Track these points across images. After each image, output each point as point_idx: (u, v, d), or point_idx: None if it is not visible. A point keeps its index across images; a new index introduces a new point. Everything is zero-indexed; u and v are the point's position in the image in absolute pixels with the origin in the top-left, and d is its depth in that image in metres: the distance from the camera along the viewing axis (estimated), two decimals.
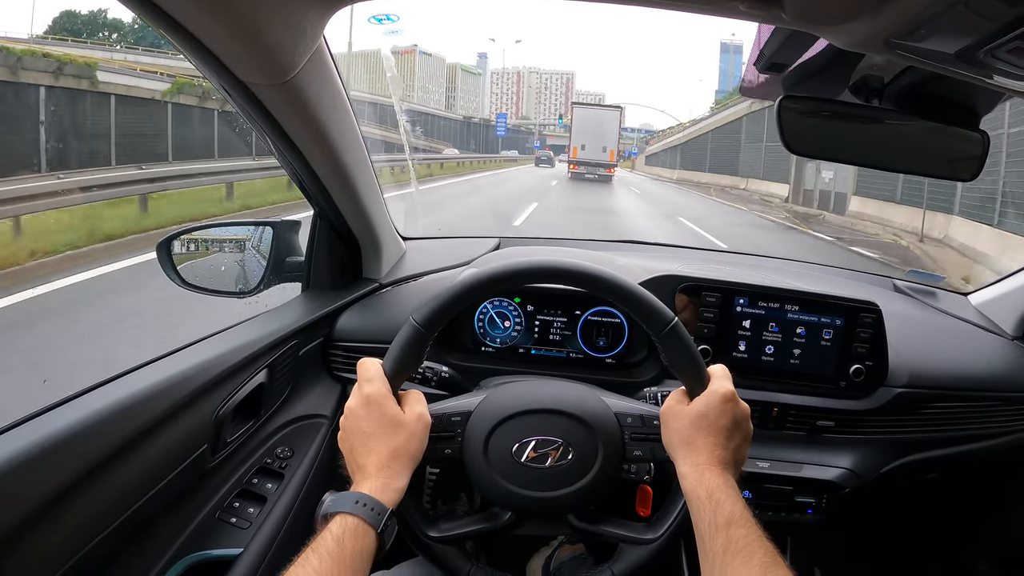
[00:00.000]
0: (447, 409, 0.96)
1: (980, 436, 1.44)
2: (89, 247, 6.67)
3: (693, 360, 0.90)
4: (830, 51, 0.81)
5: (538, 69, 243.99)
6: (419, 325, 0.90)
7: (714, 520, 0.78)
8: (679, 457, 0.86)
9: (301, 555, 0.73)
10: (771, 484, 1.31)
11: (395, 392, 0.89)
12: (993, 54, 0.59)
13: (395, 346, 0.90)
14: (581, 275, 0.92)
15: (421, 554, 0.92)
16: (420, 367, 1.02)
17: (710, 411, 0.87)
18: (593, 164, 31.83)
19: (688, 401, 0.89)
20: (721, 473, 0.83)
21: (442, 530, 0.93)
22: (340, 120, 1.13)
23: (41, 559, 0.79)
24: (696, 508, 0.81)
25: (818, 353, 1.33)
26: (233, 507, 1.16)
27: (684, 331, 0.90)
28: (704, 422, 0.86)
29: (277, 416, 1.29)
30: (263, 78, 0.91)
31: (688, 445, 0.86)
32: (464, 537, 0.95)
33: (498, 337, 1.42)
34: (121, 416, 0.89)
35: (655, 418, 0.94)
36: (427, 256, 1.69)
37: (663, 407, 0.92)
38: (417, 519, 0.90)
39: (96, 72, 12.54)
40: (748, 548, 0.75)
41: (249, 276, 1.43)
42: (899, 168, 0.98)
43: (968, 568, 1.78)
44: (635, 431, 0.94)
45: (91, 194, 8.17)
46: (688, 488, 0.83)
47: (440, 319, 0.91)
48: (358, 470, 0.84)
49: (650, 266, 1.44)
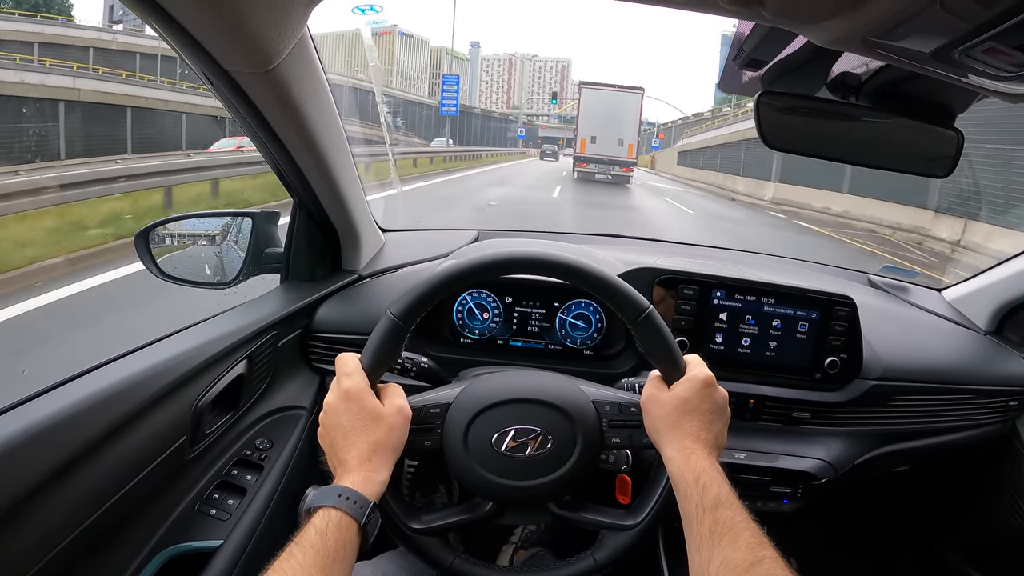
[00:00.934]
0: (426, 401, 0.96)
1: (952, 429, 1.47)
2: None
3: (668, 347, 0.90)
4: (808, 48, 0.82)
5: (532, 56, 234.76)
6: (396, 318, 0.90)
7: (701, 503, 0.78)
8: (664, 442, 0.87)
9: (285, 549, 0.73)
10: (747, 475, 1.32)
11: (374, 385, 0.89)
12: (968, 54, 0.59)
13: (373, 339, 0.90)
14: (556, 265, 0.92)
15: (404, 546, 0.93)
16: (399, 358, 1.02)
17: (693, 396, 0.87)
18: (607, 161, 25.13)
19: (667, 388, 0.90)
20: (707, 457, 0.84)
21: (424, 522, 0.93)
22: (322, 110, 1.13)
23: (18, 552, 0.78)
24: (683, 492, 0.81)
25: (794, 345, 1.35)
26: (213, 499, 1.16)
27: (659, 319, 0.91)
28: (688, 407, 0.87)
29: (256, 407, 1.28)
30: (246, 66, 0.91)
31: (674, 429, 0.86)
32: (446, 529, 0.95)
33: (477, 329, 1.42)
34: (99, 407, 0.88)
35: (632, 405, 0.95)
36: (406, 248, 1.69)
37: (643, 395, 0.92)
38: (399, 512, 0.91)
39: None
40: (735, 529, 0.76)
41: (228, 267, 1.42)
42: (875, 164, 0.99)
43: (938, 559, 1.81)
44: (613, 418, 0.95)
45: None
46: (675, 472, 0.84)
47: (417, 311, 0.91)
48: (339, 464, 0.84)
49: (628, 258, 1.45)
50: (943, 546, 1.81)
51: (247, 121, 1.05)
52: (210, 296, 1.41)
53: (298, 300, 1.35)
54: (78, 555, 0.88)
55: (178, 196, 9.23)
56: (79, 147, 13.27)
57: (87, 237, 6.60)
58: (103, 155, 13.03)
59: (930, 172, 0.98)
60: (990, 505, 1.61)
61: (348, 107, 14.47)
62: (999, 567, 1.64)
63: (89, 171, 8.48)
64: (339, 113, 1.22)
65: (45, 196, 6.87)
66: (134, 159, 13.34)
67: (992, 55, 0.59)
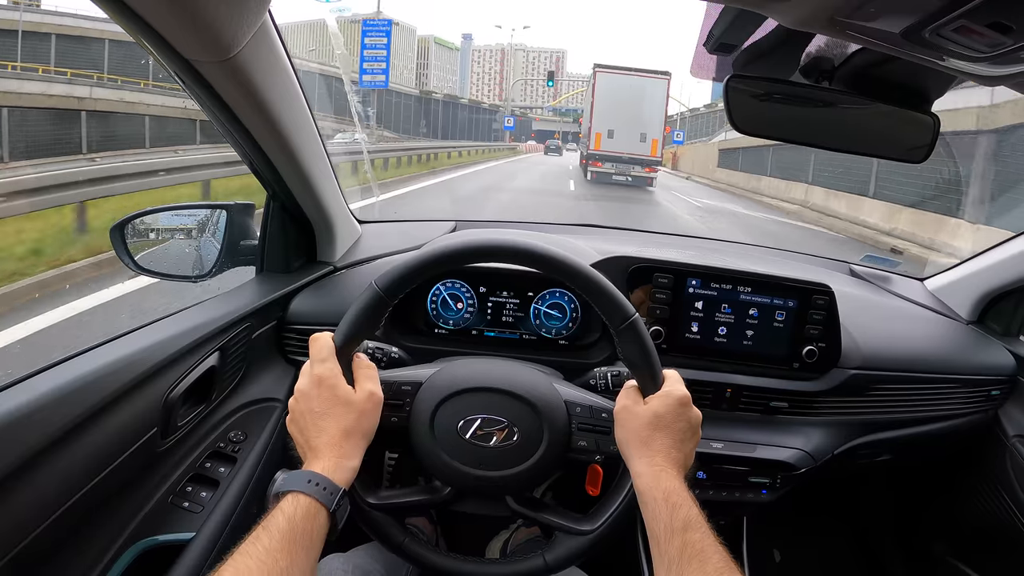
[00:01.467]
0: (398, 377, 0.96)
1: (933, 418, 1.47)
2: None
3: (649, 357, 0.89)
4: (779, 32, 0.81)
5: (524, 46, 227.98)
6: (380, 290, 0.89)
7: (670, 523, 0.78)
8: (634, 456, 0.86)
9: (252, 533, 0.72)
10: (725, 465, 1.32)
11: (348, 357, 0.89)
12: (939, 33, 0.58)
13: (353, 309, 0.89)
14: (547, 260, 0.91)
15: (358, 520, 0.91)
16: (376, 331, 1.00)
17: (667, 413, 0.86)
18: (626, 160, 21.43)
19: (643, 400, 0.89)
20: (677, 476, 0.83)
21: (380, 498, 0.93)
22: (288, 99, 1.11)
23: None
24: (652, 509, 0.80)
25: (771, 334, 1.35)
26: (186, 491, 1.15)
27: (643, 327, 0.90)
28: (661, 423, 0.86)
29: (230, 400, 1.27)
30: (206, 55, 0.89)
31: (645, 444, 0.86)
32: (402, 507, 0.95)
33: (451, 319, 1.42)
34: (67, 399, 0.87)
35: (604, 411, 0.94)
36: (383, 239, 1.68)
37: (617, 405, 0.91)
38: (356, 485, 0.89)
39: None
40: (703, 553, 0.75)
41: (203, 260, 1.41)
42: (848, 149, 0.99)
43: (922, 548, 1.82)
44: (583, 422, 0.94)
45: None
46: (643, 488, 0.83)
47: (403, 286, 0.90)
48: (310, 450, 0.84)
49: (603, 247, 1.44)
50: (926, 535, 1.81)
51: (213, 111, 1.04)
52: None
53: (272, 292, 1.34)
54: (49, 549, 0.87)
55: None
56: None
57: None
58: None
59: (906, 158, 0.97)
60: (973, 494, 1.61)
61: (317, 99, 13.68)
62: (982, 556, 1.65)
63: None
64: (308, 103, 1.20)
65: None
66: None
67: (964, 34, 0.57)
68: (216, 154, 10.01)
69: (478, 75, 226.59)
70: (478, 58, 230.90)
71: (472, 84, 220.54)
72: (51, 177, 6.64)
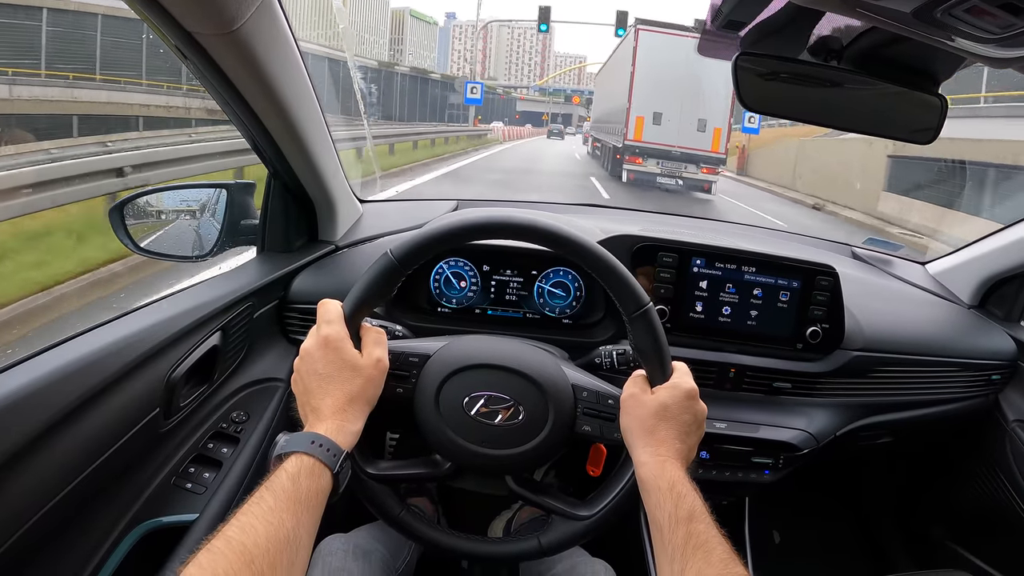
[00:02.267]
0: (406, 348, 0.95)
1: (934, 401, 1.47)
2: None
3: (660, 348, 0.89)
4: (789, 9, 0.80)
5: (507, 22, 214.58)
6: (395, 259, 0.88)
7: (675, 513, 0.78)
8: (638, 445, 0.86)
9: (255, 492, 0.71)
10: (728, 445, 1.32)
11: (356, 325, 0.88)
12: (951, 13, 0.58)
13: (365, 277, 0.88)
14: (567, 241, 0.89)
15: (356, 491, 0.91)
16: (387, 299, 0.98)
17: (673, 404, 0.86)
18: (678, 156, 15.30)
19: (650, 389, 0.89)
20: (681, 466, 0.83)
21: (380, 469, 0.92)
22: (291, 74, 1.10)
23: None
24: (656, 498, 0.80)
25: (775, 315, 1.35)
26: (188, 472, 1.15)
27: (656, 317, 0.89)
28: (667, 413, 0.86)
29: (232, 380, 1.27)
30: (208, 28, 0.88)
31: (650, 434, 0.86)
32: (401, 479, 0.95)
33: (454, 298, 1.41)
34: (69, 380, 0.87)
35: (611, 397, 0.94)
36: (384, 219, 1.67)
37: (624, 392, 0.91)
38: (356, 455, 0.89)
39: None
40: (708, 543, 0.75)
41: (204, 240, 1.40)
42: (855, 128, 0.98)
43: (920, 532, 1.83)
44: (588, 406, 0.94)
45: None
46: (647, 477, 0.83)
47: (418, 257, 0.89)
48: (312, 412, 0.83)
49: (607, 227, 1.43)
50: (925, 519, 1.82)
51: (214, 86, 1.02)
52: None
53: (274, 271, 1.33)
54: (51, 530, 0.88)
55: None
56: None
57: None
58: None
59: (912, 139, 0.97)
60: (972, 478, 1.62)
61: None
62: (980, 539, 1.66)
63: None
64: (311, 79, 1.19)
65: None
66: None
67: (976, 15, 0.57)
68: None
69: (459, 52, 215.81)
70: (459, 35, 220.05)
71: (453, 63, 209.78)
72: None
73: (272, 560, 0.65)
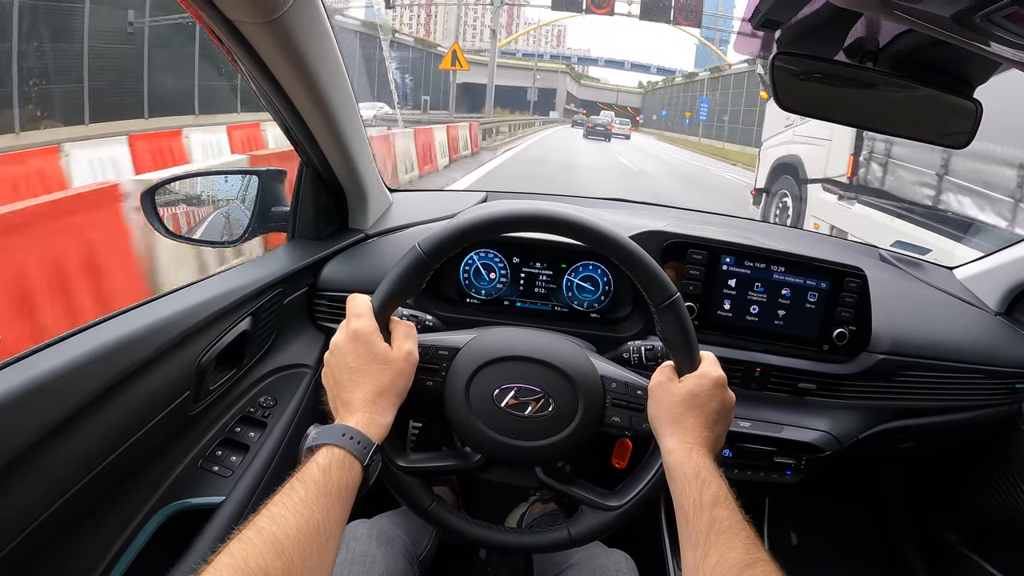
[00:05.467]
0: (436, 342, 0.95)
1: (957, 408, 1.46)
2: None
3: (688, 338, 0.89)
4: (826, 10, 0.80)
5: None
6: (424, 252, 0.88)
7: (700, 499, 0.78)
8: (666, 432, 0.86)
9: (286, 483, 0.72)
10: (751, 444, 1.32)
11: (385, 318, 0.88)
12: (990, 19, 0.57)
13: (394, 270, 0.88)
14: (592, 233, 0.89)
15: (386, 483, 0.92)
16: (416, 293, 1.00)
17: (702, 392, 0.86)
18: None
19: (678, 379, 0.89)
20: (707, 454, 0.83)
21: (411, 461, 0.93)
22: (328, 64, 1.11)
23: (22, 504, 0.79)
24: (681, 485, 0.81)
25: (802, 315, 1.34)
26: (216, 455, 1.16)
27: (683, 308, 0.89)
28: (695, 401, 0.86)
29: (261, 365, 1.29)
30: (250, 15, 0.89)
31: (677, 422, 0.86)
32: (431, 472, 0.96)
33: (483, 289, 1.41)
34: (103, 360, 0.88)
35: (639, 388, 0.94)
36: (413, 208, 1.68)
37: (652, 381, 0.91)
38: (387, 447, 0.89)
39: None
40: (732, 528, 0.76)
41: (234, 226, 1.42)
42: (889, 131, 0.98)
43: (937, 538, 1.82)
44: (617, 397, 0.94)
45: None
46: (673, 464, 0.83)
47: (447, 250, 0.89)
48: (343, 405, 0.84)
49: (636, 223, 1.43)
50: (943, 526, 1.81)
51: (252, 73, 1.04)
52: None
53: (304, 258, 1.35)
54: (81, 509, 0.89)
55: None
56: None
57: None
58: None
59: (947, 143, 0.97)
60: (992, 487, 1.61)
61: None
62: (997, 548, 1.65)
63: None
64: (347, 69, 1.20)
65: None
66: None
67: (1016, 21, 0.57)
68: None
69: (397, 10, 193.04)
70: None
71: (394, 19, 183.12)
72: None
73: (303, 551, 0.66)
